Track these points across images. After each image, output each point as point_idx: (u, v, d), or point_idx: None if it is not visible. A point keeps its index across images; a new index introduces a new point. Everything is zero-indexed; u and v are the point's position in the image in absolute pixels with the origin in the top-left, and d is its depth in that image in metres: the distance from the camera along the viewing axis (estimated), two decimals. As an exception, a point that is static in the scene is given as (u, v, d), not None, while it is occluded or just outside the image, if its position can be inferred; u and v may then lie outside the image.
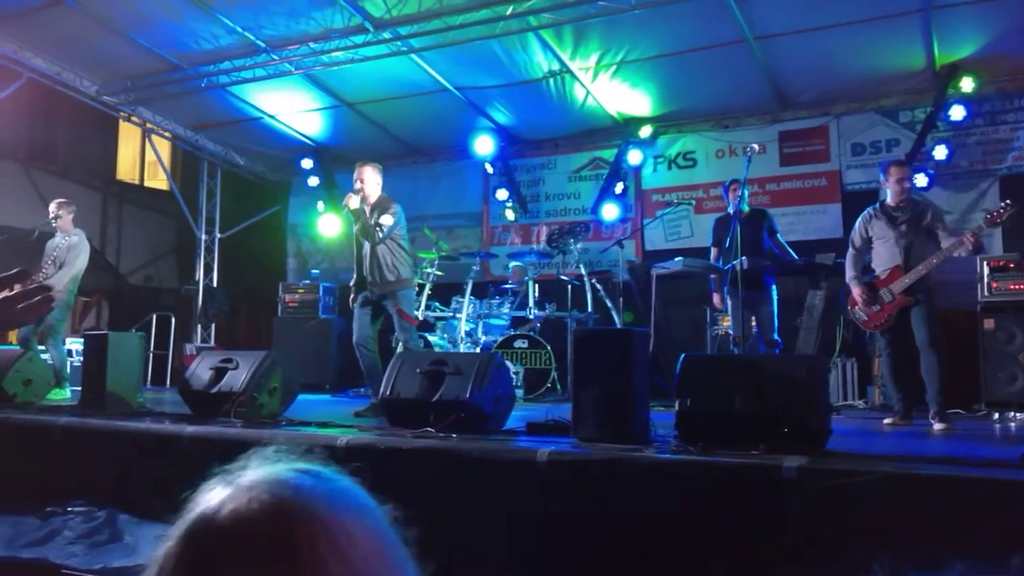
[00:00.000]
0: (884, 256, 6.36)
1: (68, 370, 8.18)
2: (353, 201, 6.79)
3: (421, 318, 9.34)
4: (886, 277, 6.29)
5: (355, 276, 7.04)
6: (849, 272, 6.53)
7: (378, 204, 6.87)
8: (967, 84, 8.93)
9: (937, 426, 5.89)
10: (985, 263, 7.40)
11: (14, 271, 1.71)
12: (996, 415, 7.11)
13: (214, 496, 0.79)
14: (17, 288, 1.70)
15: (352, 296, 7.03)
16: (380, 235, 6.67)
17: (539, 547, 3.90)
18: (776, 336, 7.24)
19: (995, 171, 9.34)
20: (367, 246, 6.81)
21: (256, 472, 0.82)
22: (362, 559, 0.75)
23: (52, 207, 8.40)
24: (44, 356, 8.04)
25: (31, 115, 13.34)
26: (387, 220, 6.70)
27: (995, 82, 9.21)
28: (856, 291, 6.40)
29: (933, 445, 5.15)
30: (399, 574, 0.80)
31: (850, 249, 6.60)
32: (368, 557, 0.76)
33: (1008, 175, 9.24)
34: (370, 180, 6.95)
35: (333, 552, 0.74)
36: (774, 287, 7.31)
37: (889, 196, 6.46)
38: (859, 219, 6.63)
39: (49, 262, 8.11)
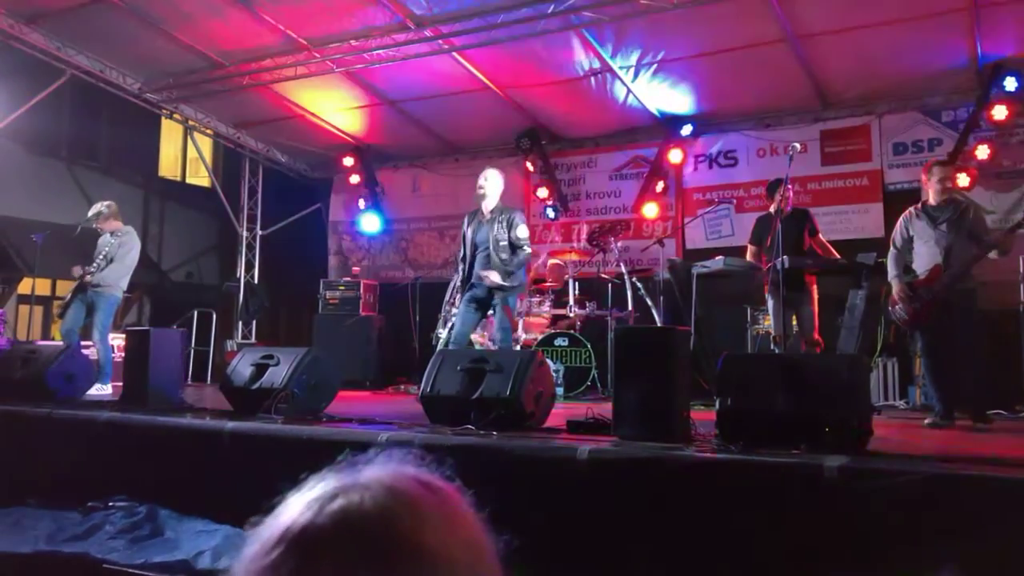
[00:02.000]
0: (925, 256, 6.30)
1: (111, 366, 8.28)
2: (485, 204, 7.06)
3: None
4: (926, 277, 6.22)
5: (462, 276, 7.17)
6: (891, 271, 6.46)
7: (501, 210, 7.08)
8: (1011, 83, 8.79)
9: (977, 426, 5.86)
10: (1028, 262, 7.36)
11: None
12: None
13: (323, 487, 0.78)
14: None
15: (457, 294, 7.29)
16: (526, 251, 6.94)
17: (579, 545, 3.88)
18: (817, 336, 7.16)
19: (1037, 170, 9.21)
20: (490, 249, 6.89)
21: (375, 471, 0.81)
22: (464, 553, 0.76)
23: (98, 207, 8.47)
24: (88, 351, 8.14)
25: (74, 112, 13.56)
26: (523, 233, 6.94)
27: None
28: (896, 289, 6.34)
29: (975, 445, 5.04)
30: None
31: (891, 248, 6.55)
32: (469, 552, 0.77)
33: (1051, 175, 9.10)
34: (493, 182, 7.15)
35: (428, 570, 0.73)
36: (815, 286, 7.22)
37: (930, 196, 6.39)
38: (900, 219, 6.57)
39: (100, 257, 8.21)
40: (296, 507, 0.76)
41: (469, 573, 0.76)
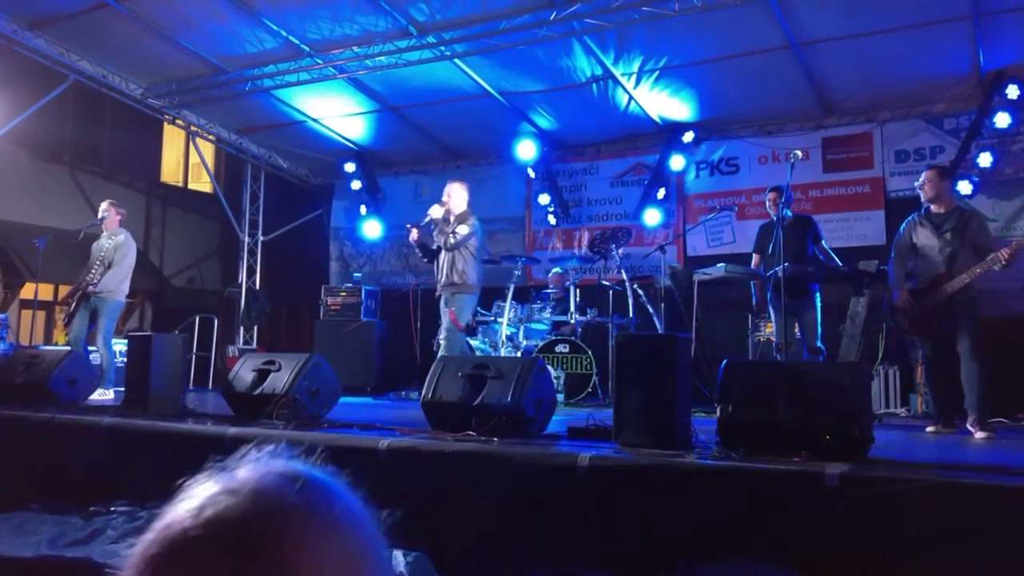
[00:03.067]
0: (927, 263, 6.25)
1: (114, 371, 8.29)
2: (436, 211, 7.43)
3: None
4: (929, 285, 6.18)
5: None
6: (892, 278, 6.45)
7: (460, 217, 7.41)
8: (1013, 91, 8.81)
9: (978, 434, 5.79)
10: (1033, 272, 7.32)
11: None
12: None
13: (199, 494, 0.78)
14: None
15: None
16: (452, 241, 7.23)
17: (580, 552, 3.87)
18: (819, 343, 7.15)
19: (1040, 178, 9.22)
20: (443, 252, 7.37)
21: (246, 472, 0.80)
22: (333, 570, 0.74)
23: (103, 206, 8.51)
24: (92, 356, 8.15)
25: (77, 118, 13.60)
26: (462, 230, 7.28)
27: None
28: (898, 297, 6.32)
29: (976, 454, 5.05)
30: None
31: (893, 254, 6.52)
32: (340, 568, 0.75)
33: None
34: (456, 195, 7.49)
35: (292, 566, 0.72)
36: (818, 294, 7.21)
37: (932, 203, 6.34)
38: (903, 225, 6.52)
39: (97, 263, 8.22)
40: (163, 519, 0.77)
41: (344, 559, 0.75)
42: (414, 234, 7.46)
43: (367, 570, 0.79)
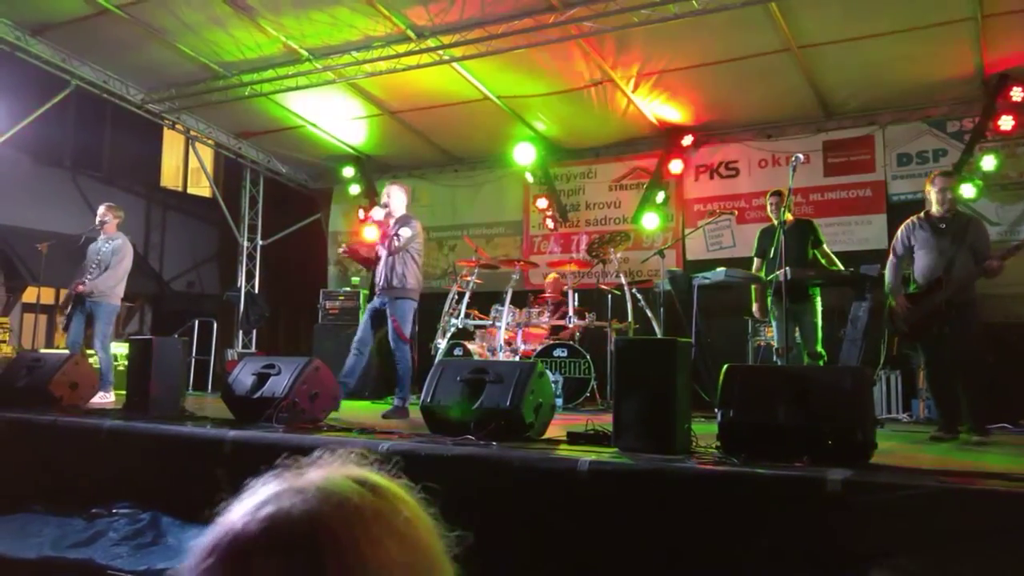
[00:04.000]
0: (926, 267, 6.18)
1: (112, 374, 8.30)
2: (377, 213, 7.29)
3: (460, 326, 9.35)
4: (927, 289, 6.11)
5: (373, 285, 7.40)
6: (890, 282, 6.37)
7: (401, 219, 7.23)
8: (1016, 93, 8.78)
9: (974, 438, 5.75)
10: (1036, 277, 7.35)
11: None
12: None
13: (265, 492, 0.78)
14: None
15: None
16: (396, 244, 7.01)
17: (578, 557, 3.87)
18: (820, 348, 7.14)
19: (1045, 181, 9.20)
20: (384, 255, 7.15)
21: (313, 474, 0.80)
22: (404, 571, 0.74)
23: (101, 210, 8.52)
24: (92, 360, 8.15)
25: (78, 123, 13.62)
26: (405, 232, 7.07)
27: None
28: (897, 302, 6.25)
29: (979, 459, 5.01)
30: None
31: (891, 257, 6.45)
32: (408, 571, 0.75)
33: (1057, 187, 9.10)
34: (396, 197, 7.36)
35: (359, 573, 0.72)
36: (818, 298, 7.21)
37: (933, 206, 6.26)
38: (902, 227, 6.44)
39: (93, 266, 8.22)
40: (231, 515, 0.76)
41: (408, 571, 0.75)
42: (342, 248, 7.32)
43: (431, 555, 0.79)
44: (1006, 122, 8.92)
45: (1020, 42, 8.49)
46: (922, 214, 6.37)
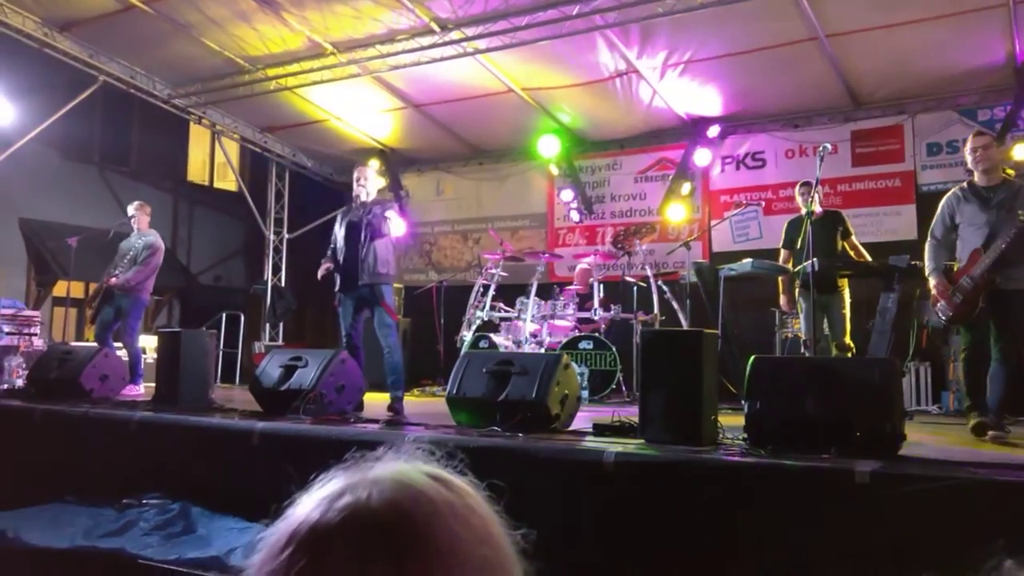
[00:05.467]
0: (972, 243, 5.44)
1: (141, 367, 8.39)
2: (363, 194, 6.84)
3: (486, 318, 9.37)
4: (964, 265, 5.46)
5: (332, 263, 6.91)
6: (928, 264, 5.67)
7: (377, 201, 6.93)
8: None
9: (989, 433, 5.20)
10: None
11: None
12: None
13: (333, 485, 0.78)
14: None
15: (337, 291, 6.84)
16: (385, 228, 6.72)
17: (605, 548, 3.87)
18: (848, 339, 7.09)
19: (1078, 170, 9.05)
20: (364, 240, 6.65)
21: (385, 467, 0.80)
22: (479, 563, 0.74)
23: (131, 208, 8.60)
24: (120, 352, 8.24)
25: (105, 118, 13.74)
26: (393, 215, 6.85)
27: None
28: (935, 283, 5.56)
29: (1009, 450, 4.92)
30: None
31: (930, 239, 5.71)
32: (483, 563, 0.75)
33: (1091, 175, 8.94)
34: (372, 180, 7.03)
35: (439, 564, 0.72)
36: (847, 290, 7.15)
37: (975, 174, 5.58)
38: (943, 203, 5.72)
39: (125, 261, 8.31)
40: (305, 506, 0.76)
41: (483, 566, 0.75)
42: (322, 270, 6.90)
43: (502, 548, 0.79)
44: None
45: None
46: (965, 184, 5.66)
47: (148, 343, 9.70)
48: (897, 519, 3.32)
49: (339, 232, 6.87)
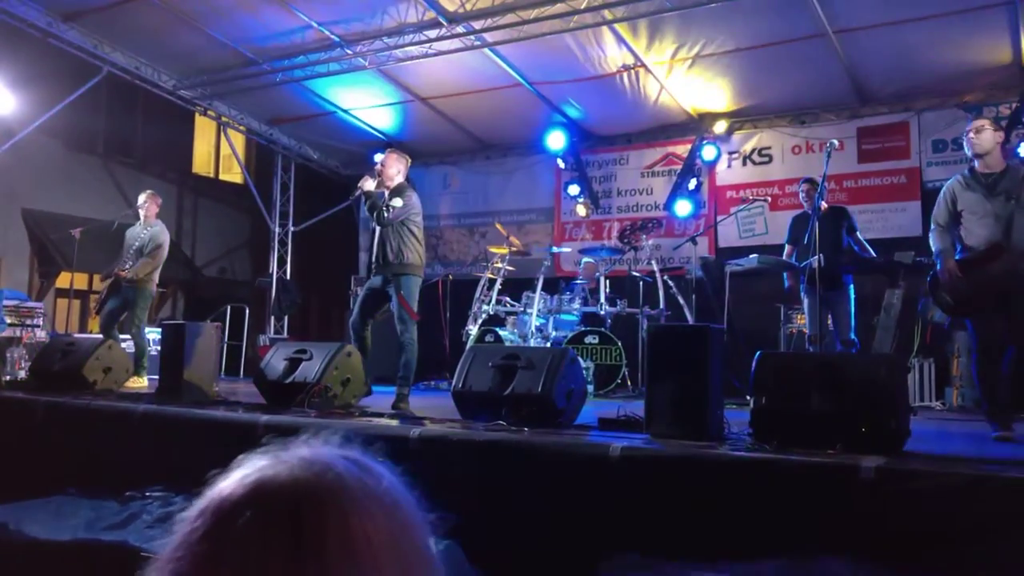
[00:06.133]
0: (978, 233, 5.19)
1: (147, 359, 8.38)
2: (368, 184, 6.46)
3: (491, 312, 9.36)
4: (983, 256, 5.14)
5: (369, 261, 6.73)
6: (936, 245, 5.38)
7: (396, 190, 6.52)
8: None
9: (1003, 434, 4.94)
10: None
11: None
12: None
13: (249, 466, 0.81)
14: None
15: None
16: (387, 214, 6.29)
17: (610, 542, 3.86)
18: (853, 335, 7.08)
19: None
20: (378, 229, 6.47)
21: (301, 448, 0.83)
22: (372, 555, 0.75)
23: (142, 197, 8.58)
24: (125, 344, 8.24)
25: (110, 109, 13.71)
26: (396, 202, 6.35)
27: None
28: (947, 266, 5.23)
29: (1014, 448, 4.86)
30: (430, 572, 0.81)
31: (933, 227, 5.46)
32: (380, 554, 0.76)
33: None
34: (392, 166, 6.65)
35: (339, 540, 0.74)
36: (851, 286, 7.13)
37: (977, 163, 5.29)
38: (944, 190, 5.48)
39: (131, 252, 8.30)
40: (219, 485, 0.80)
41: (390, 544, 0.76)
42: (369, 183, 6.44)
43: (412, 549, 0.80)
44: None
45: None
46: (967, 171, 5.42)
47: (152, 335, 9.70)
48: (901, 514, 3.32)
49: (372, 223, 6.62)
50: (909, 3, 8.07)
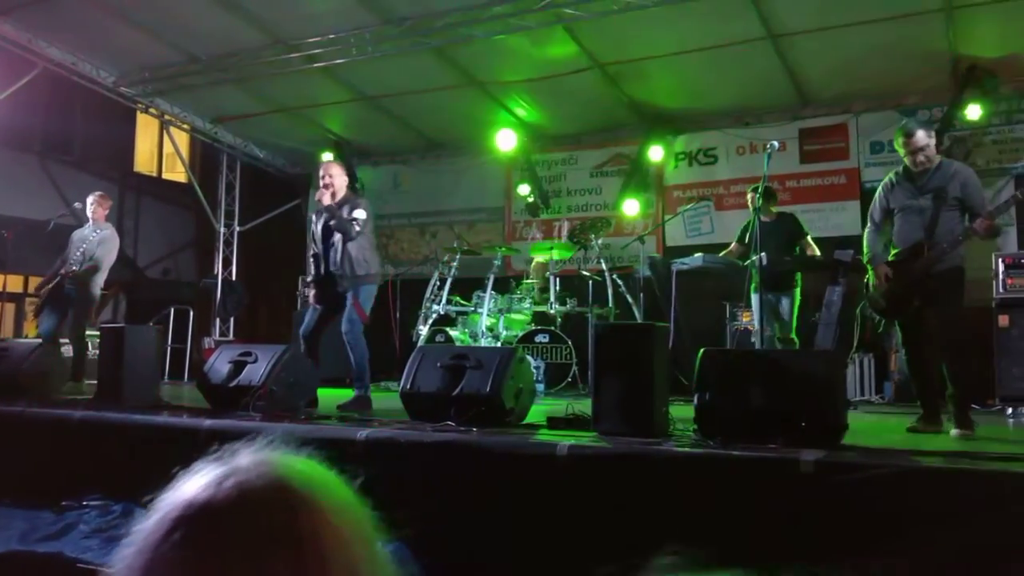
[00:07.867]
0: (905, 231, 5.28)
1: (85, 364, 8.18)
2: (326, 198, 6.42)
3: (442, 312, 9.33)
4: (908, 256, 5.26)
5: (314, 273, 6.70)
6: (869, 250, 5.50)
7: (346, 200, 6.54)
8: (985, 84, 8.92)
9: (953, 432, 4.96)
10: (1001, 260, 7.41)
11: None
12: (1010, 410, 7.18)
13: (210, 472, 0.80)
14: None
15: (312, 292, 6.66)
16: (356, 229, 6.32)
17: (558, 540, 3.87)
18: (793, 335, 7.23)
19: (1011, 169, 9.39)
20: (337, 241, 6.41)
21: (257, 454, 0.83)
22: (357, 553, 0.77)
23: (91, 198, 8.39)
24: (64, 348, 8.04)
25: (47, 106, 13.36)
26: (359, 214, 6.39)
27: (1013, 81, 9.22)
28: (879, 271, 5.35)
29: (947, 440, 4.94)
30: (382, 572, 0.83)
31: (869, 225, 5.56)
32: (359, 552, 0.78)
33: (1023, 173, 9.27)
34: (339, 176, 6.60)
35: (335, 543, 0.76)
36: (797, 288, 7.28)
37: (910, 159, 5.31)
38: (879, 189, 5.56)
39: (78, 253, 8.11)
40: (183, 493, 0.79)
41: (344, 551, 0.77)
42: (311, 295, 6.63)
43: (364, 550, 0.81)
44: (974, 111, 9.07)
45: (989, 34, 8.61)
46: (900, 169, 5.47)
47: (93, 339, 9.49)
48: (840, 505, 3.40)
49: (317, 234, 6.59)
50: (848, 8, 8.22)
